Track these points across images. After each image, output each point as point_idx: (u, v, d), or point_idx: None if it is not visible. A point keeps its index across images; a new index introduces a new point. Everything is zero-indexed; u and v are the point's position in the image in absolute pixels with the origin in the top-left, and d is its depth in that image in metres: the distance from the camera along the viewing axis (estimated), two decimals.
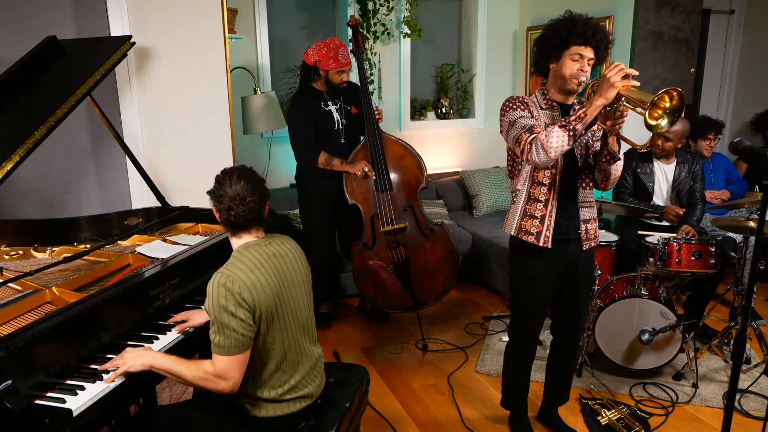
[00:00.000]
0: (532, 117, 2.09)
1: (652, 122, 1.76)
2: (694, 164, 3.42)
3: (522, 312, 2.36)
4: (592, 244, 2.27)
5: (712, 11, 5.02)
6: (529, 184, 2.17)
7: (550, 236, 2.15)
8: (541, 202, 2.15)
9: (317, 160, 3.22)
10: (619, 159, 2.09)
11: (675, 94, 1.73)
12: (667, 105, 1.75)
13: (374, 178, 3.22)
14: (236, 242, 1.73)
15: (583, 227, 2.22)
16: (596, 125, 2.13)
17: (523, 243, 2.21)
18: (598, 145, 2.17)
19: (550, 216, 2.15)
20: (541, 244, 2.16)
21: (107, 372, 1.60)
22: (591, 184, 2.23)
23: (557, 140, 1.89)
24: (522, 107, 2.10)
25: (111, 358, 1.65)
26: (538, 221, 2.16)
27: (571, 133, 1.88)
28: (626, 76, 1.81)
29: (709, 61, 5.22)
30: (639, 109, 1.78)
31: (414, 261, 3.25)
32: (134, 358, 1.61)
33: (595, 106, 1.84)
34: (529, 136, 1.97)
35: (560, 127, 1.89)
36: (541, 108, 2.15)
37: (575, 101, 2.19)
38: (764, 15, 5.17)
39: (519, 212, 2.20)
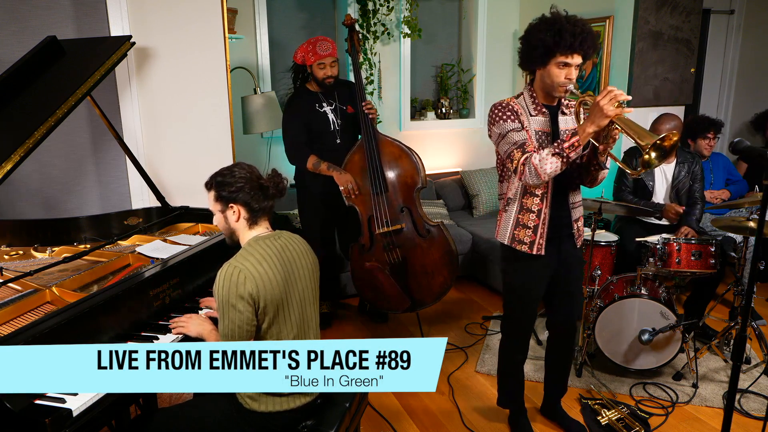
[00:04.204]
0: (522, 127, 2.07)
1: (646, 157, 1.77)
2: (694, 164, 3.42)
3: (516, 312, 2.37)
4: (582, 240, 2.34)
5: (712, 11, 5.01)
6: (521, 194, 2.18)
7: (543, 243, 2.18)
8: (533, 212, 2.17)
9: (306, 163, 3.22)
10: (606, 168, 2.12)
11: (675, 138, 1.74)
12: (665, 144, 1.76)
13: (357, 194, 3.20)
14: (249, 235, 1.75)
15: (575, 226, 2.27)
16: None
17: (516, 251, 2.22)
18: (585, 157, 2.18)
19: (543, 225, 2.17)
20: (534, 252, 2.18)
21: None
22: (579, 186, 2.27)
23: (551, 166, 1.94)
24: (512, 117, 2.07)
25: None
26: (531, 231, 2.18)
27: (564, 160, 1.93)
28: (620, 104, 1.81)
29: (709, 61, 5.21)
30: (633, 135, 1.78)
31: (411, 262, 3.24)
32: (194, 325, 1.82)
33: (587, 133, 1.87)
34: (521, 156, 1.99)
35: (554, 154, 1.93)
36: (531, 114, 2.13)
37: (563, 99, 2.17)
38: (764, 15, 5.16)
39: (512, 222, 2.21)
